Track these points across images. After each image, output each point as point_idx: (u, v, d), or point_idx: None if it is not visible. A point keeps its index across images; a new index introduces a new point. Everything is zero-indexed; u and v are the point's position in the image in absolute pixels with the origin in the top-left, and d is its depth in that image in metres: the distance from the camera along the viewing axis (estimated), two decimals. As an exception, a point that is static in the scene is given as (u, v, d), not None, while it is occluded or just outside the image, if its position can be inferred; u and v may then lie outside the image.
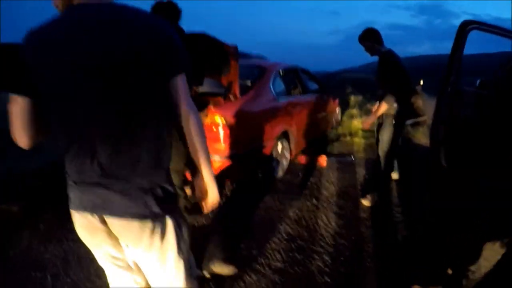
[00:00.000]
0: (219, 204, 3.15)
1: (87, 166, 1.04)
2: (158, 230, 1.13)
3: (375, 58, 3.47)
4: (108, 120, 1.02)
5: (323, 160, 4.73)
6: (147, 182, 1.08)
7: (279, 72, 4.30)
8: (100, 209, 1.09)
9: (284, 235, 3.02)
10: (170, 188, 1.16)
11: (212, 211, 3.33)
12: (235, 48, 3.21)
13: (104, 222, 1.11)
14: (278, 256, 2.71)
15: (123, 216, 1.08)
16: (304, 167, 4.75)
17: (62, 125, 1.07)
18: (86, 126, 1.04)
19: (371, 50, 3.45)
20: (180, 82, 1.08)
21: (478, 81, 3.34)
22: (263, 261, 2.64)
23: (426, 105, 8.18)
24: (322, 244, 2.90)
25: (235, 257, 2.62)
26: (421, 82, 8.46)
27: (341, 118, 7.74)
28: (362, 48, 3.43)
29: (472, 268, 2.23)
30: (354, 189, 4.04)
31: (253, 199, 3.68)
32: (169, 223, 1.16)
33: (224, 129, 3.18)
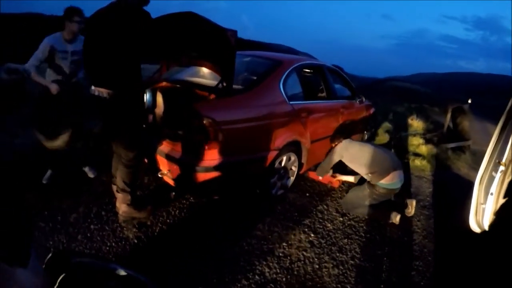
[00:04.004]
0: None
1: None
2: None
3: (425, 69, 2.73)
4: None
5: (335, 181, 3.94)
6: None
7: (297, 70, 3.53)
8: None
9: (257, 276, 2.38)
10: None
11: (183, 229, 2.81)
12: (234, 33, 2.55)
13: None
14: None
15: None
16: (315, 186, 4.02)
17: None
18: None
19: None
20: None
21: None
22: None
23: (472, 128, 7.13)
24: (301, 301, 2.23)
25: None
26: (469, 101, 7.36)
27: (375, 130, 6.81)
28: (413, 56, 2.77)
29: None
30: (365, 225, 3.27)
31: (237, 220, 3.04)
32: None
33: (207, 133, 2.55)
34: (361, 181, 3.55)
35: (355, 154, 3.38)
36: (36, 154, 3.41)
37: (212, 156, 2.62)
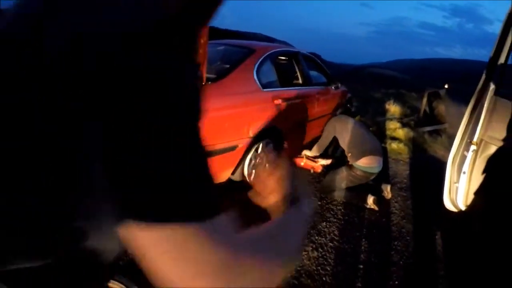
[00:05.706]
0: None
1: None
2: None
3: (403, 56, 2.76)
4: None
5: (318, 166, 3.97)
6: None
7: (271, 58, 3.51)
8: None
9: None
10: None
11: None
12: None
13: None
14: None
15: None
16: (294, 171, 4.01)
17: None
18: None
19: None
20: None
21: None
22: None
23: (448, 112, 7.29)
24: None
25: None
26: (446, 86, 7.54)
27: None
28: (392, 43, 2.82)
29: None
30: (343, 208, 3.30)
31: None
32: None
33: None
34: (339, 164, 3.59)
35: (342, 128, 3.49)
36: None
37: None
